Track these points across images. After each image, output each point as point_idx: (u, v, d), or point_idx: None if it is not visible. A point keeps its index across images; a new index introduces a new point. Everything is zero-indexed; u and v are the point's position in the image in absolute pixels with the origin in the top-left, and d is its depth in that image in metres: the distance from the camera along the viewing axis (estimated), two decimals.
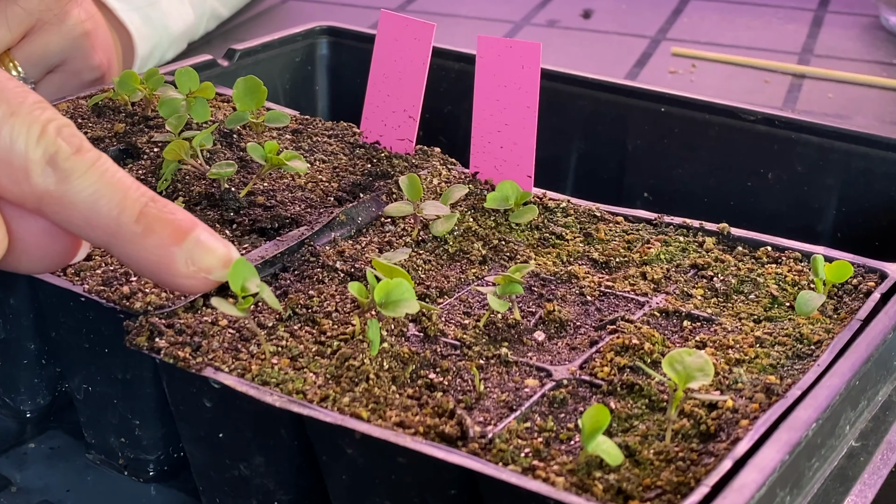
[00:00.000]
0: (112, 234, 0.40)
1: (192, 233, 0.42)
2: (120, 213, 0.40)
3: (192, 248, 0.42)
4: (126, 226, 0.40)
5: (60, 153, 0.39)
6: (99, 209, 0.40)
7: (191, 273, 0.42)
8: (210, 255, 0.42)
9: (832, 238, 0.70)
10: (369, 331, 0.45)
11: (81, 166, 0.40)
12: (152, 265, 0.41)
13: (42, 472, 0.54)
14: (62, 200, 0.40)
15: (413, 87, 0.63)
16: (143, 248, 0.41)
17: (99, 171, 0.40)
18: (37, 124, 0.39)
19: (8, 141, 0.39)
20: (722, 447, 0.41)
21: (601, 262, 0.56)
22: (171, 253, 0.41)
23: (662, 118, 0.74)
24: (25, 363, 0.54)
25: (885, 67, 1.08)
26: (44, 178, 0.39)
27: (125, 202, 0.40)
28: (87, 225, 0.40)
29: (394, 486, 0.41)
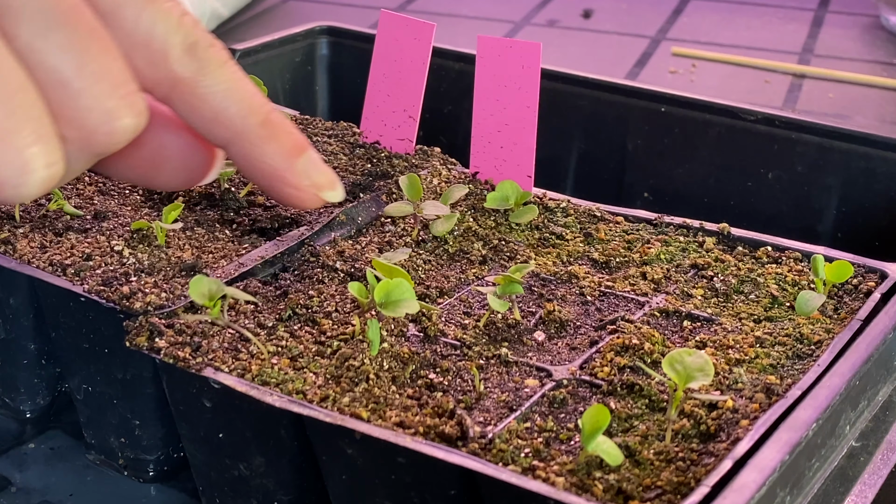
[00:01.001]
0: (237, 132, 0.41)
1: (309, 149, 0.43)
2: (248, 114, 0.41)
3: (308, 163, 0.43)
4: (252, 127, 0.41)
5: (200, 43, 0.40)
6: (228, 105, 0.41)
7: (304, 185, 0.43)
8: (323, 175, 0.43)
9: (832, 238, 0.70)
10: (369, 331, 0.45)
11: (218, 59, 0.41)
12: (270, 170, 0.42)
13: (42, 473, 0.54)
14: (195, 91, 0.40)
15: (413, 87, 0.63)
16: (264, 151, 0.42)
17: (232, 68, 0.41)
18: (175, 13, 0.40)
19: (149, 24, 0.39)
20: (722, 447, 0.41)
21: (601, 262, 0.56)
22: (290, 163, 0.42)
23: (662, 118, 0.74)
24: (25, 363, 0.54)
25: (885, 67, 1.08)
26: (181, 64, 0.40)
27: (253, 104, 0.41)
28: (214, 119, 0.41)
29: (394, 486, 0.41)
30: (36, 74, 0.36)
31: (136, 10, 0.39)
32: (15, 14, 0.36)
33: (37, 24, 0.36)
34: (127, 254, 0.52)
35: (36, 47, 0.36)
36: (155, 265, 0.51)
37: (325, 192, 0.43)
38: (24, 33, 0.36)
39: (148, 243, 0.53)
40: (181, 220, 0.55)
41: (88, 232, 0.54)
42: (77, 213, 0.55)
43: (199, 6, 1.01)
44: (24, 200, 0.37)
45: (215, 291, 0.45)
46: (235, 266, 0.52)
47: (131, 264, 0.51)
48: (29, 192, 0.37)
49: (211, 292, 0.45)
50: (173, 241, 0.53)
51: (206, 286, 0.45)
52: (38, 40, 0.36)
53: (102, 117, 0.37)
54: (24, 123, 0.36)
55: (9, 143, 0.36)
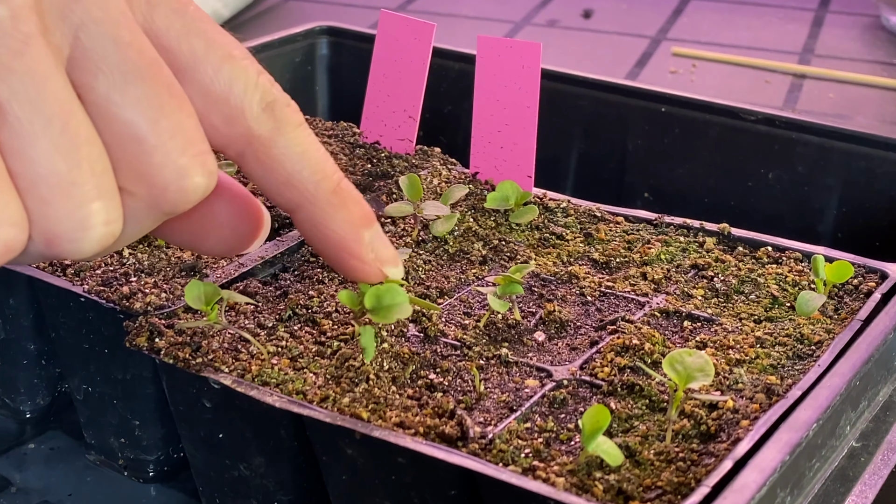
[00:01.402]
0: (307, 197, 0.40)
1: (376, 223, 0.42)
2: (321, 179, 0.40)
3: (375, 237, 0.42)
4: (324, 193, 0.40)
5: (278, 102, 0.39)
6: (302, 169, 0.40)
7: (370, 259, 0.42)
8: (388, 249, 0.42)
9: (833, 238, 0.70)
10: (363, 338, 0.44)
11: (295, 120, 0.40)
12: (337, 239, 0.41)
13: (42, 473, 0.54)
14: (270, 150, 0.40)
15: (413, 87, 0.63)
16: (333, 219, 0.41)
17: (307, 131, 0.40)
18: (253, 70, 0.39)
19: (228, 80, 0.39)
20: (722, 447, 0.41)
21: (601, 263, 0.56)
22: (358, 234, 0.41)
23: (663, 118, 0.74)
24: (25, 363, 0.54)
25: (885, 67, 1.08)
26: (258, 122, 0.39)
27: (326, 170, 0.41)
28: (287, 182, 0.40)
29: (394, 486, 0.41)
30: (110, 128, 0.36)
31: (215, 65, 0.38)
32: (94, 65, 0.36)
33: (115, 77, 0.36)
34: (127, 254, 0.52)
35: (113, 100, 0.36)
36: (155, 265, 0.51)
37: (388, 268, 0.42)
38: (101, 85, 0.36)
39: (148, 243, 0.53)
40: None
41: None
42: None
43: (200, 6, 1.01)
44: (80, 257, 0.36)
45: (211, 295, 0.45)
46: (235, 266, 0.52)
47: (131, 264, 0.51)
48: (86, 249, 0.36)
49: (206, 296, 0.45)
50: None
51: (201, 290, 0.45)
52: (115, 93, 0.36)
53: (174, 174, 0.37)
54: (89, 177, 0.36)
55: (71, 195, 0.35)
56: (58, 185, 0.35)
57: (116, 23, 0.36)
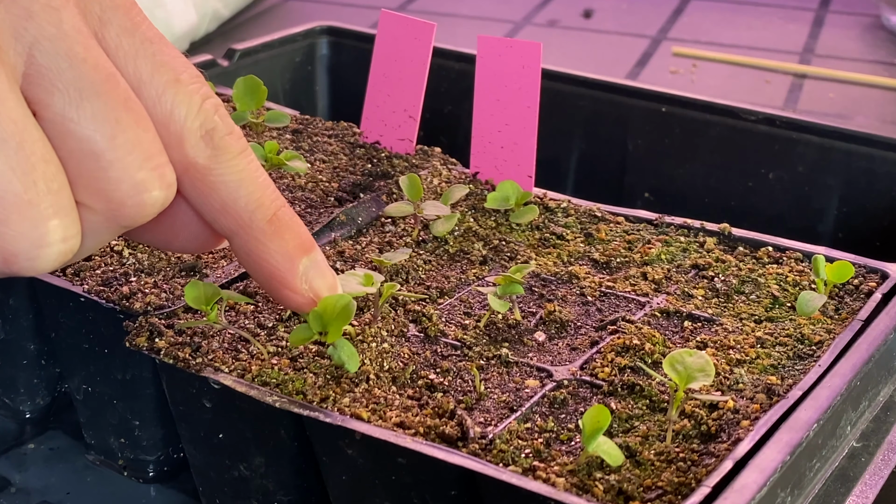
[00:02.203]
0: (242, 225, 0.40)
1: (313, 251, 0.42)
2: (256, 208, 0.40)
3: (310, 267, 0.42)
4: (259, 221, 0.40)
5: (217, 130, 0.39)
6: (238, 198, 0.40)
7: (302, 290, 0.42)
8: (323, 280, 0.42)
9: (833, 238, 0.70)
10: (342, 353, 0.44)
11: (234, 149, 0.40)
12: (270, 269, 0.41)
13: (41, 473, 0.54)
14: (207, 178, 0.39)
15: (413, 87, 0.63)
16: (266, 249, 0.41)
17: (247, 159, 0.40)
18: (197, 96, 0.39)
19: (169, 106, 0.38)
20: (723, 448, 0.41)
21: (602, 263, 0.55)
22: (292, 264, 0.41)
23: (663, 118, 0.74)
24: (25, 363, 0.54)
25: (886, 67, 1.08)
26: (196, 150, 0.39)
27: (263, 199, 0.40)
28: (221, 209, 0.40)
29: (394, 486, 0.41)
30: (66, 144, 0.36)
31: (158, 90, 0.38)
32: (49, 83, 0.35)
33: (70, 94, 0.35)
34: (127, 254, 0.52)
35: (69, 117, 0.36)
36: (155, 265, 0.51)
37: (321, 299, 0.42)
38: (56, 102, 0.35)
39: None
40: None
41: None
42: None
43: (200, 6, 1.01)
44: (38, 273, 0.36)
45: (211, 295, 0.45)
46: (235, 266, 0.52)
47: (131, 264, 0.51)
48: (43, 266, 0.36)
49: (206, 296, 0.45)
50: None
51: (201, 290, 0.45)
52: (71, 110, 0.36)
53: (132, 189, 0.37)
54: (45, 196, 0.35)
55: (27, 215, 0.35)
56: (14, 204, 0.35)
57: (70, 39, 0.35)
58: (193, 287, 0.45)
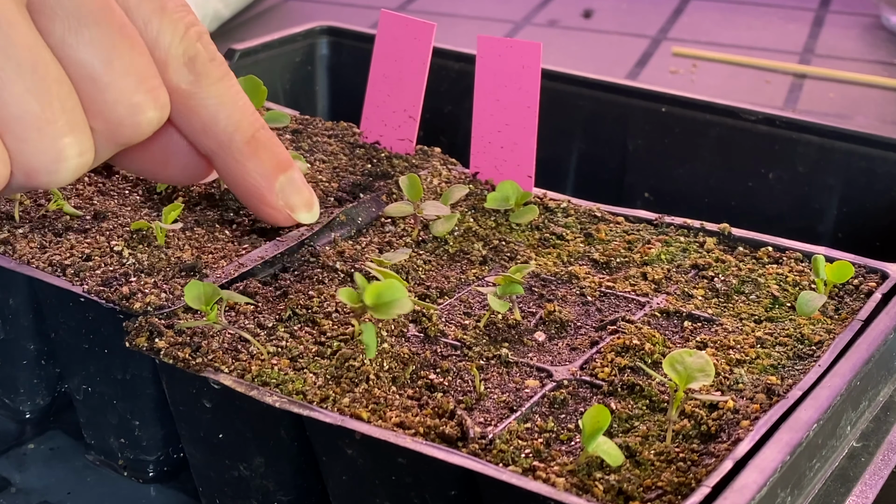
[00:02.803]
0: (222, 146, 0.43)
1: (290, 170, 0.45)
2: (235, 130, 0.43)
3: (286, 184, 0.45)
4: (237, 142, 0.43)
5: (199, 56, 0.41)
6: (218, 120, 0.43)
7: (278, 206, 0.45)
8: (299, 196, 0.45)
9: (833, 238, 0.70)
10: (365, 335, 0.44)
11: (215, 74, 0.42)
12: (248, 186, 0.44)
13: (41, 473, 0.54)
14: (189, 102, 0.42)
15: (413, 87, 0.63)
16: (245, 167, 0.44)
17: (227, 84, 0.43)
18: (182, 24, 0.41)
19: (154, 34, 0.40)
20: (723, 448, 0.41)
21: (602, 263, 0.55)
22: (269, 181, 0.44)
23: (663, 118, 0.74)
24: (25, 363, 0.54)
25: (886, 67, 1.08)
26: (178, 75, 0.41)
27: (242, 121, 0.43)
28: (202, 131, 0.43)
29: (394, 486, 0.41)
30: (67, 69, 0.38)
31: (145, 17, 0.40)
32: (50, 11, 0.38)
33: (69, 21, 0.38)
34: (127, 254, 0.52)
35: (68, 42, 0.38)
36: (155, 265, 0.51)
37: (298, 213, 0.45)
38: (57, 29, 0.38)
39: (148, 244, 0.53)
40: (181, 220, 0.55)
41: (88, 232, 0.53)
42: (77, 214, 0.55)
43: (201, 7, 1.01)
44: (58, 186, 0.39)
45: (210, 295, 0.45)
46: (235, 266, 0.52)
47: (131, 265, 0.51)
48: (62, 179, 0.39)
49: (206, 296, 0.45)
50: (173, 241, 0.53)
51: (201, 290, 0.45)
52: (70, 36, 0.38)
53: (128, 110, 0.39)
54: (60, 114, 0.38)
55: (45, 132, 0.38)
56: (33, 123, 0.38)
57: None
58: (193, 287, 0.45)
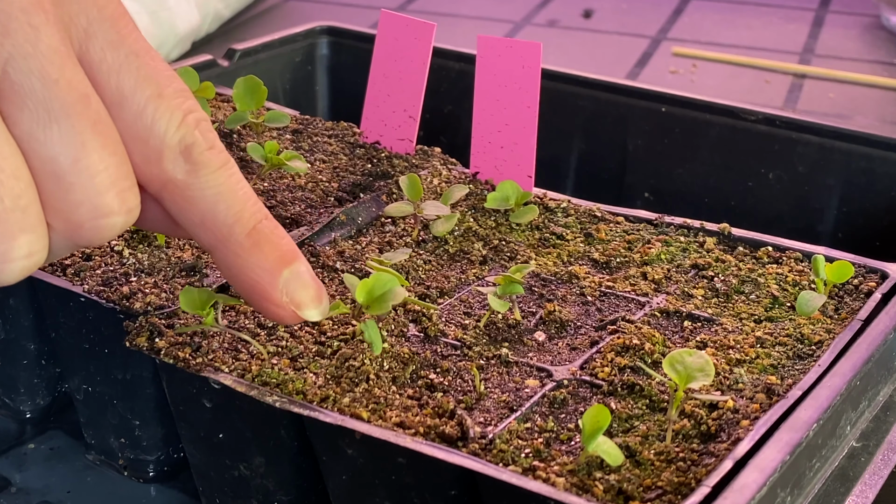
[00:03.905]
0: (221, 240, 0.40)
1: (294, 263, 0.41)
2: (235, 222, 0.40)
3: (291, 279, 0.41)
4: (237, 236, 0.40)
5: (196, 146, 0.39)
6: (217, 212, 0.40)
7: (283, 303, 0.41)
8: (305, 291, 0.41)
9: (833, 238, 0.70)
10: (367, 333, 0.44)
11: (213, 164, 0.39)
12: (250, 282, 0.41)
13: (42, 473, 0.54)
14: (185, 193, 0.39)
15: (413, 87, 0.63)
16: (246, 263, 0.41)
17: (227, 173, 0.40)
18: (179, 111, 0.39)
19: (149, 121, 0.38)
20: (723, 447, 0.41)
21: (602, 263, 0.55)
22: (273, 277, 0.41)
23: (663, 118, 0.74)
24: (25, 363, 0.54)
25: (885, 67, 1.08)
26: (174, 165, 0.39)
27: (242, 213, 0.40)
28: (200, 223, 0.40)
29: (394, 486, 0.41)
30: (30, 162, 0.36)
31: (140, 104, 0.38)
32: (20, 100, 0.35)
33: (39, 114, 0.35)
34: (127, 254, 0.52)
35: (35, 136, 0.35)
36: (155, 265, 0.51)
37: (305, 311, 0.42)
38: (25, 120, 0.35)
39: (148, 243, 0.53)
40: None
41: None
42: None
43: (202, 7, 1.01)
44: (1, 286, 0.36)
45: (205, 300, 0.45)
46: None
47: (131, 264, 0.51)
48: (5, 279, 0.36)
49: (200, 301, 0.45)
50: (173, 241, 0.53)
51: (195, 296, 0.45)
52: (38, 129, 0.35)
53: (91, 213, 0.37)
54: (12, 213, 0.35)
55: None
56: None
57: (45, 58, 0.35)
58: (187, 293, 0.45)
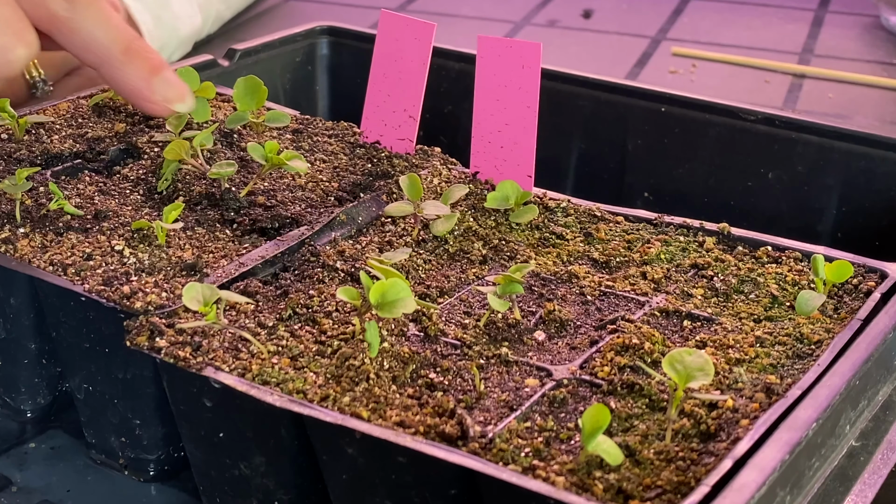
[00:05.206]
0: (103, 58, 0.55)
1: (163, 71, 0.56)
2: (111, 43, 0.54)
3: (161, 82, 0.56)
4: (115, 54, 0.55)
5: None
6: (95, 37, 0.54)
7: (157, 100, 0.56)
8: (173, 90, 0.57)
9: (832, 238, 0.70)
10: (368, 333, 0.44)
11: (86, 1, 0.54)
12: (130, 88, 0.55)
13: (42, 472, 0.54)
14: (68, 25, 0.54)
15: (413, 87, 0.63)
16: (125, 73, 0.55)
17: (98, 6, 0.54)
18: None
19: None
20: (722, 447, 0.41)
21: (601, 262, 0.56)
22: (147, 82, 0.55)
23: (663, 118, 0.74)
24: (26, 363, 0.55)
25: (885, 67, 1.08)
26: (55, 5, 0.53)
27: (117, 35, 0.55)
28: (84, 48, 0.55)
29: (394, 485, 0.41)
30: None
31: None
32: None
33: None
34: (127, 253, 0.52)
35: None
36: (155, 265, 0.51)
37: (175, 105, 0.56)
38: None
39: (148, 243, 0.53)
40: (181, 219, 0.55)
41: (89, 232, 0.54)
42: (77, 213, 0.55)
43: (204, 8, 1.01)
44: None
45: (209, 296, 0.45)
46: (236, 266, 0.52)
47: (132, 264, 0.51)
48: None
49: (204, 297, 0.45)
50: (174, 240, 0.53)
51: (199, 291, 0.45)
52: None
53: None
54: None
55: None
56: None
57: None
58: (191, 289, 0.45)
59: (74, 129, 0.64)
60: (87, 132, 0.64)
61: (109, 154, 0.62)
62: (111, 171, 0.60)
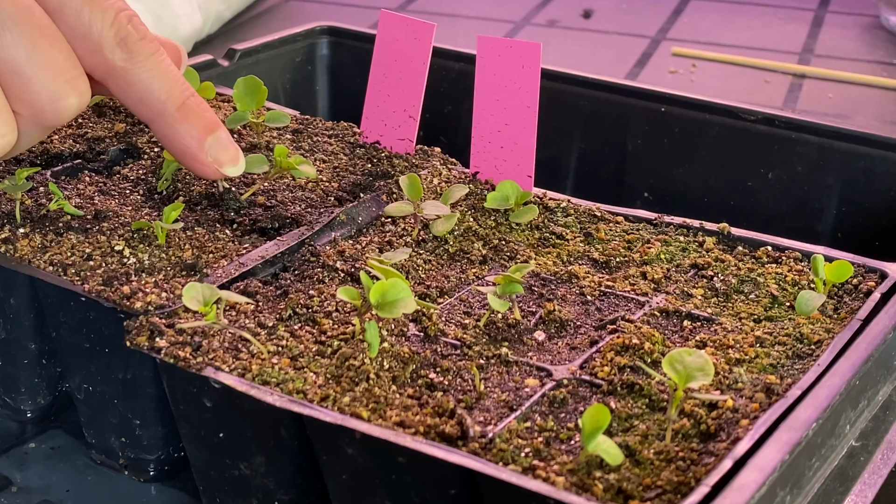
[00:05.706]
0: (157, 113, 0.51)
1: (217, 131, 0.52)
2: (167, 99, 0.50)
3: (214, 144, 0.52)
4: (170, 109, 0.51)
5: (130, 37, 0.49)
6: (152, 91, 0.50)
7: (208, 163, 0.52)
8: (225, 153, 0.53)
9: (832, 238, 0.70)
10: (368, 333, 0.44)
11: (146, 51, 0.50)
12: (182, 147, 0.52)
13: (42, 472, 0.54)
14: (125, 76, 0.50)
15: (413, 87, 0.63)
16: (177, 131, 0.51)
17: (158, 58, 0.50)
18: (111, 11, 0.49)
19: (87, 21, 0.48)
20: (722, 447, 0.41)
21: (601, 262, 0.56)
22: (199, 143, 0.52)
23: (663, 118, 0.74)
24: (26, 363, 0.55)
25: (885, 67, 1.08)
26: (113, 54, 0.49)
27: (173, 90, 0.51)
28: (139, 101, 0.51)
29: (394, 485, 0.41)
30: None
31: (77, 8, 0.48)
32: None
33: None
34: (127, 253, 0.52)
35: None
36: (155, 265, 0.51)
37: (225, 168, 0.53)
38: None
39: (148, 243, 0.53)
40: (182, 219, 0.55)
41: (89, 232, 0.54)
42: (77, 213, 0.55)
43: (204, 8, 1.01)
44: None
45: (209, 296, 0.45)
46: (236, 266, 0.52)
47: (132, 264, 0.51)
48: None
49: (204, 297, 0.45)
50: (174, 240, 0.53)
51: (199, 291, 0.45)
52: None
53: (49, 97, 0.47)
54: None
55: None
56: None
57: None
58: (191, 289, 0.45)
59: (74, 129, 0.64)
60: (86, 132, 0.64)
61: (109, 154, 0.62)
62: (111, 171, 0.60)
